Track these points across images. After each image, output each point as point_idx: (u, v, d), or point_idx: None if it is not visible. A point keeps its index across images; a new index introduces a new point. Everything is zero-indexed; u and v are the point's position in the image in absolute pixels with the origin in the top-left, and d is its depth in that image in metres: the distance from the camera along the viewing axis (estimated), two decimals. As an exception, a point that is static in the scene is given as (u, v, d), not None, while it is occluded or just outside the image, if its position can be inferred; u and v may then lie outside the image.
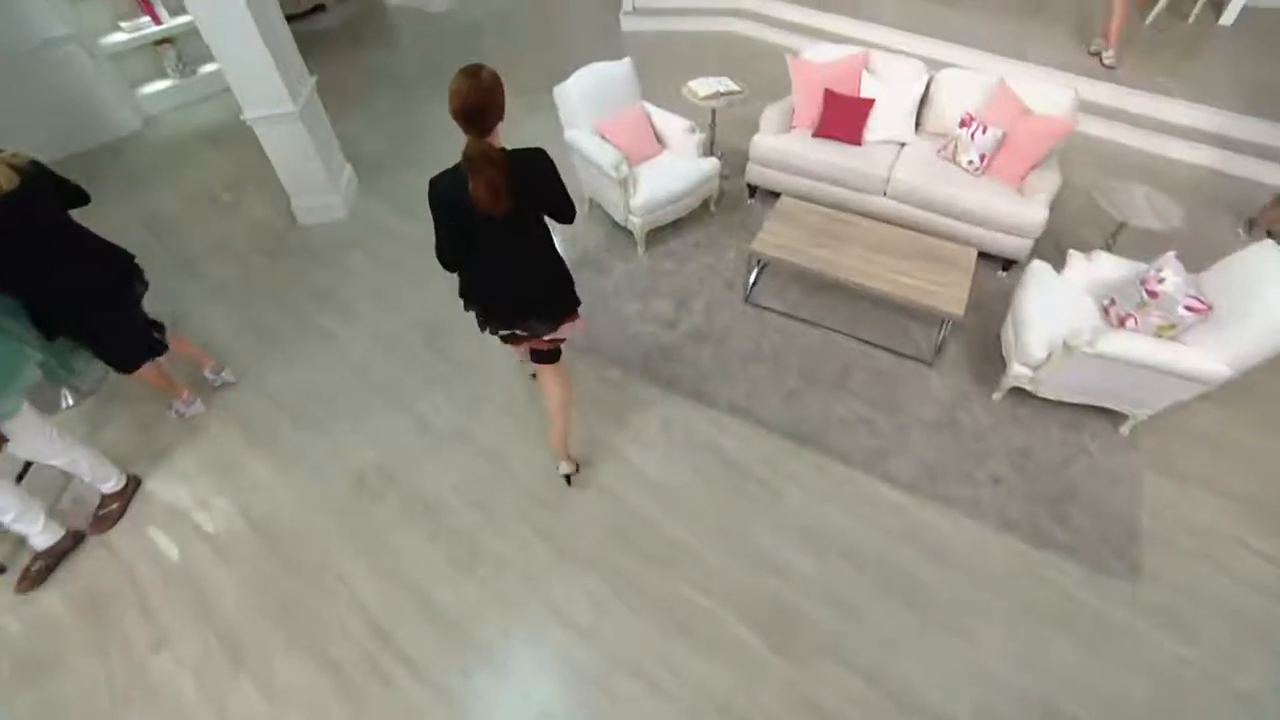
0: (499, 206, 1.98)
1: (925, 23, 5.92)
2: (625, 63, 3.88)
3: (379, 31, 6.99)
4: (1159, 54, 5.49)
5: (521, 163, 2.03)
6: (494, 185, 1.95)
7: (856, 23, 6.07)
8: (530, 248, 2.27)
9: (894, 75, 3.93)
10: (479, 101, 1.89)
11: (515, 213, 2.05)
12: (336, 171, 4.36)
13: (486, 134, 1.95)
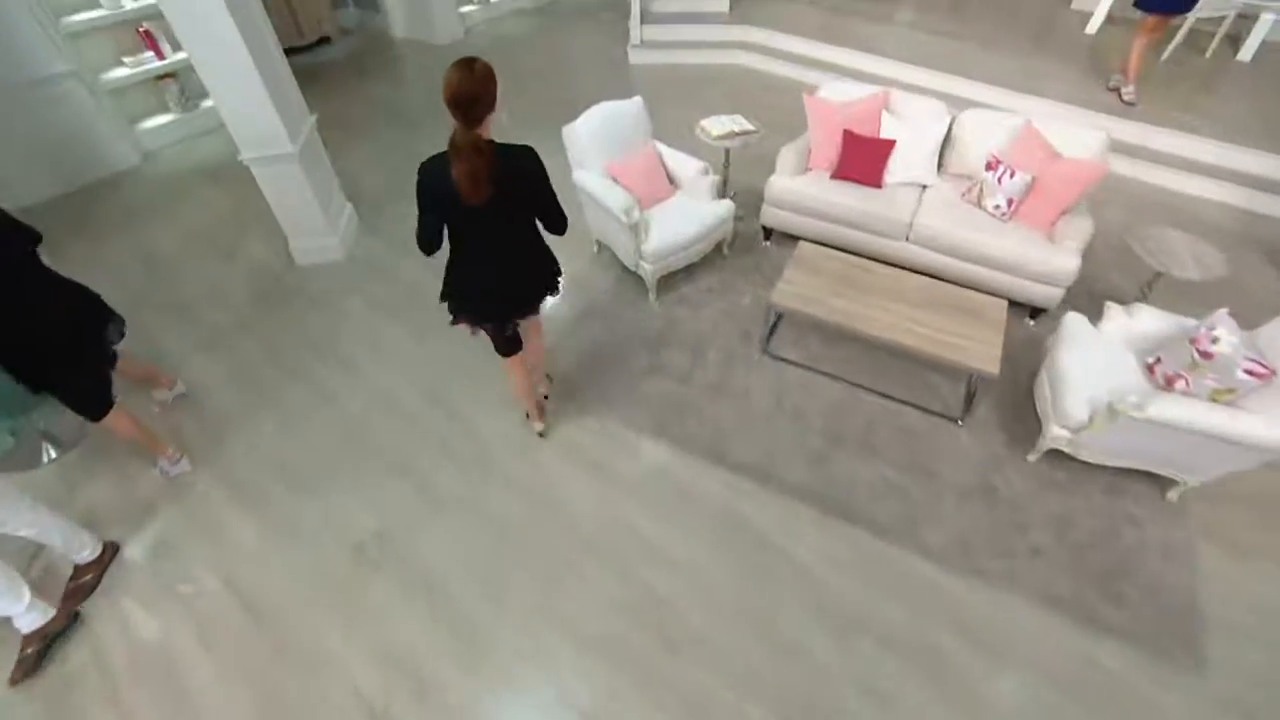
0: (478, 195, 2.02)
1: (935, 57, 5.81)
2: (636, 102, 3.74)
3: (384, 64, 6.91)
4: (1178, 89, 5.36)
5: (509, 157, 2.07)
6: (476, 174, 1.99)
7: (865, 56, 5.96)
8: (516, 241, 2.30)
9: (915, 115, 3.78)
10: (471, 90, 1.93)
11: (498, 205, 2.09)
12: (336, 212, 4.20)
13: (476, 124, 1.98)
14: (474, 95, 1.94)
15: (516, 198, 2.16)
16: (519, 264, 2.38)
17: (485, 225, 2.18)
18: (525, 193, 2.16)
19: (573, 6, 8.12)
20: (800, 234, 3.92)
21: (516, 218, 2.23)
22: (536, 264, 2.45)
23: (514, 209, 2.19)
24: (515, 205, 2.18)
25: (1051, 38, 6.28)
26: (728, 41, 6.48)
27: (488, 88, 1.97)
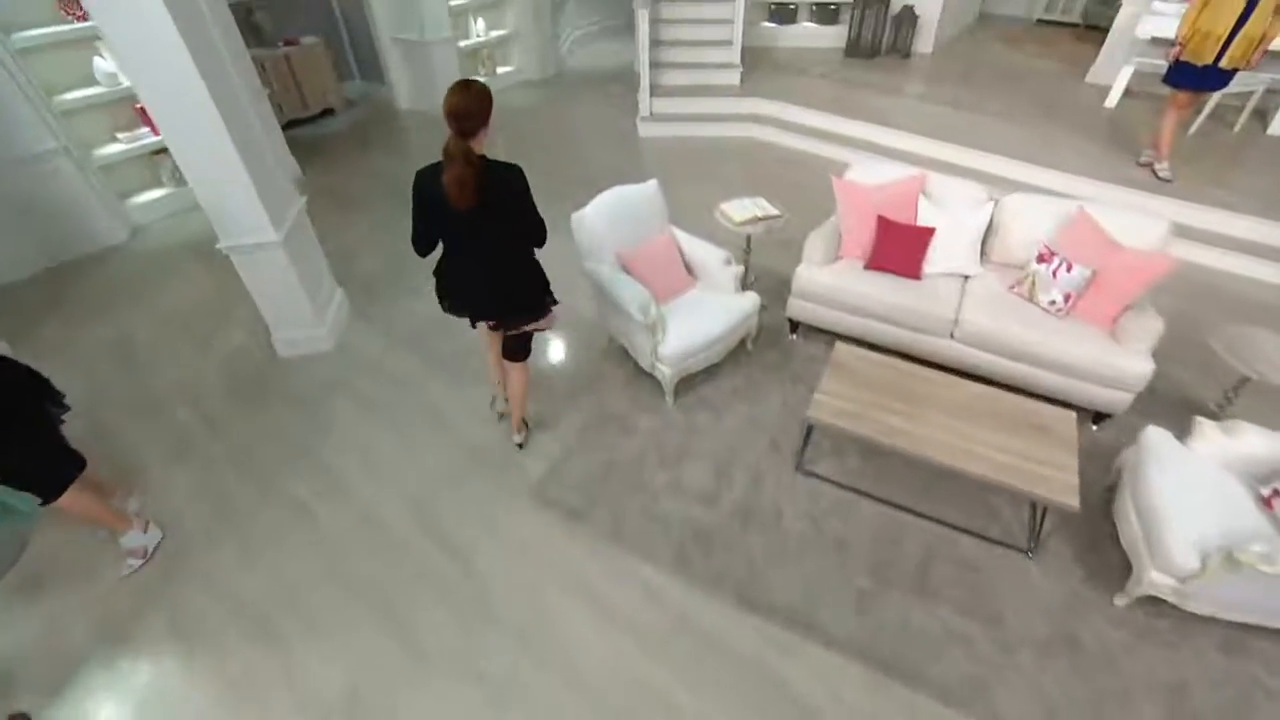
0: (464, 201, 2.20)
1: (952, 130, 5.58)
2: (651, 185, 3.43)
3: (387, 135, 6.73)
4: (1210, 165, 5.08)
5: (495, 172, 2.27)
6: (463, 180, 2.18)
7: (880, 129, 5.74)
8: (500, 249, 2.45)
9: (954, 200, 3.46)
10: (465, 106, 2.14)
11: (483, 213, 2.27)
12: (324, 301, 3.85)
13: (468, 137, 2.18)
14: (468, 110, 2.14)
15: (500, 209, 2.33)
16: (503, 270, 2.51)
17: (471, 231, 2.38)
18: (509, 206, 2.34)
19: (580, 78, 8.03)
20: (831, 329, 3.55)
21: (500, 227, 2.39)
22: (521, 273, 2.58)
23: (498, 219, 2.35)
24: (499, 215, 2.34)
25: (1068, 111, 6.07)
26: (739, 114, 6.29)
27: (481, 105, 2.18)
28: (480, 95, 2.17)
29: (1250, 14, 4.16)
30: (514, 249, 2.50)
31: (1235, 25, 4.22)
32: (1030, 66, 7.22)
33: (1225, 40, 4.28)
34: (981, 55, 7.58)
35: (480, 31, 7.27)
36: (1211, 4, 4.28)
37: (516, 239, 2.47)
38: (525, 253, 2.55)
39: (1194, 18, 4.38)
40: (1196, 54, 4.44)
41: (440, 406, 3.45)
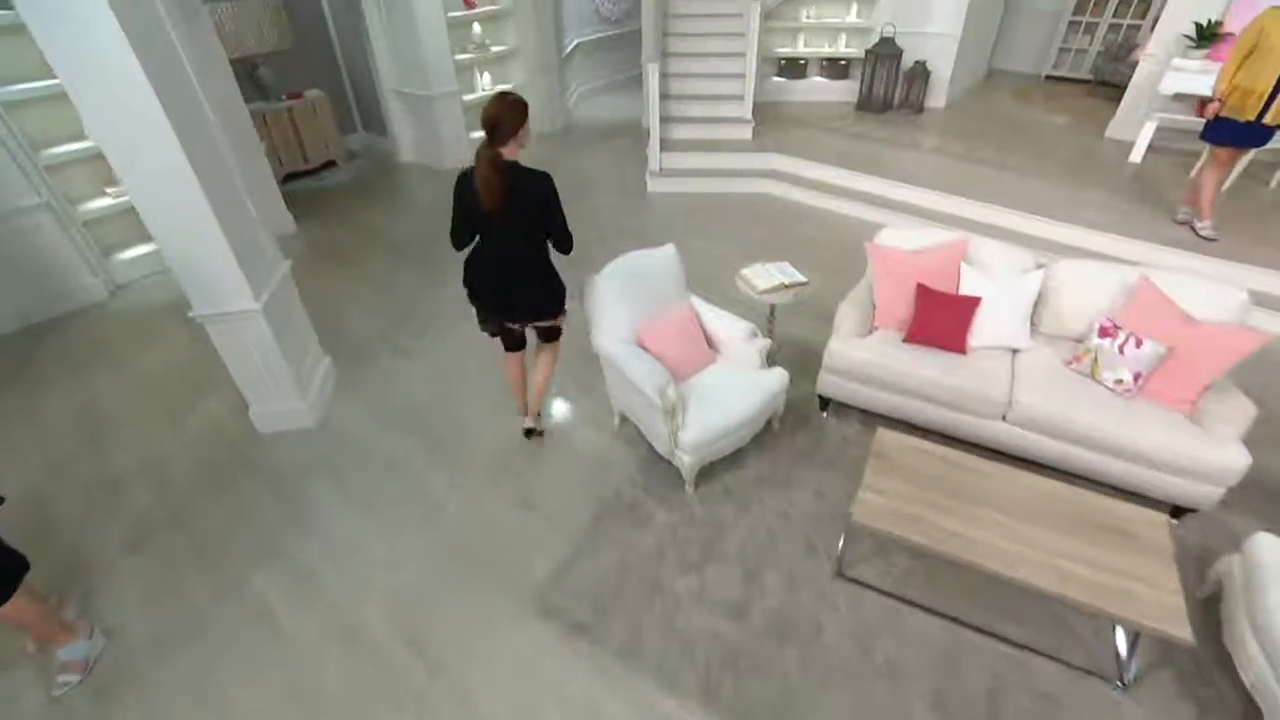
0: (490, 201, 2.38)
1: (973, 185, 5.35)
2: (668, 251, 3.13)
3: (389, 190, 6.52)
4: (1250, 223, 4.80)
5: (523, 177, 2.43)
6: (489, 183, 2.35)
7: (898, 185, 5.51)
8: (521, 249, 2.59)
9: (998, 266, 3.16)
10: (497, 115, 2.33)
11: (507, 214, 2.44)
12: (309, 371, 3.52)
13: (499, 144, 2.36)
14: (499, 119, 2.34)
15: (524, 211, 2.47)
16: (521, 270, 2.64)
17: (496, 229, 2.54)
18: (534, 209, 2.48)
19: (588, 132, 7.90)
20: (867, 407, 3.20)
21: (523, 229, 2.54)
22: (538, 276, 2.69)
23: (521, 220, 2.50)
24: (523, 218, 2.49)
25: (1093, 167, 5.85)
26: (752, 170, 6.09)
27: (512, 116, 2.35)
28: (513, 107, 2.36)
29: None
30: (531, 251, 2.62)
31: (1278, 82, 4.02)
32: (1045, 122, 7.06)
33: (1269, 97, 4.08)
34: (995, 110, 7.45)
35: (486, 85, 7.16)
36: (1251, 61, 4.09)
37: (536, 242, 2.60)
38: (542, 256, 2.66)
39: (1232, 73, 4.18)
40: (1238, 110, 4.22)
41: (432, 494, 3.08)
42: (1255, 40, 4.04)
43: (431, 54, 6.20)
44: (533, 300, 2.76)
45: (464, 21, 6.67)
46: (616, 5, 9.04)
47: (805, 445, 3.24)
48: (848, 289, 3.42)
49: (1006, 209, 5.08)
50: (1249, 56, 4.08)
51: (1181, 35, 5.87)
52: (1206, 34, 5.62)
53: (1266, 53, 3.99)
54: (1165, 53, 6.04)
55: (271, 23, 6.07)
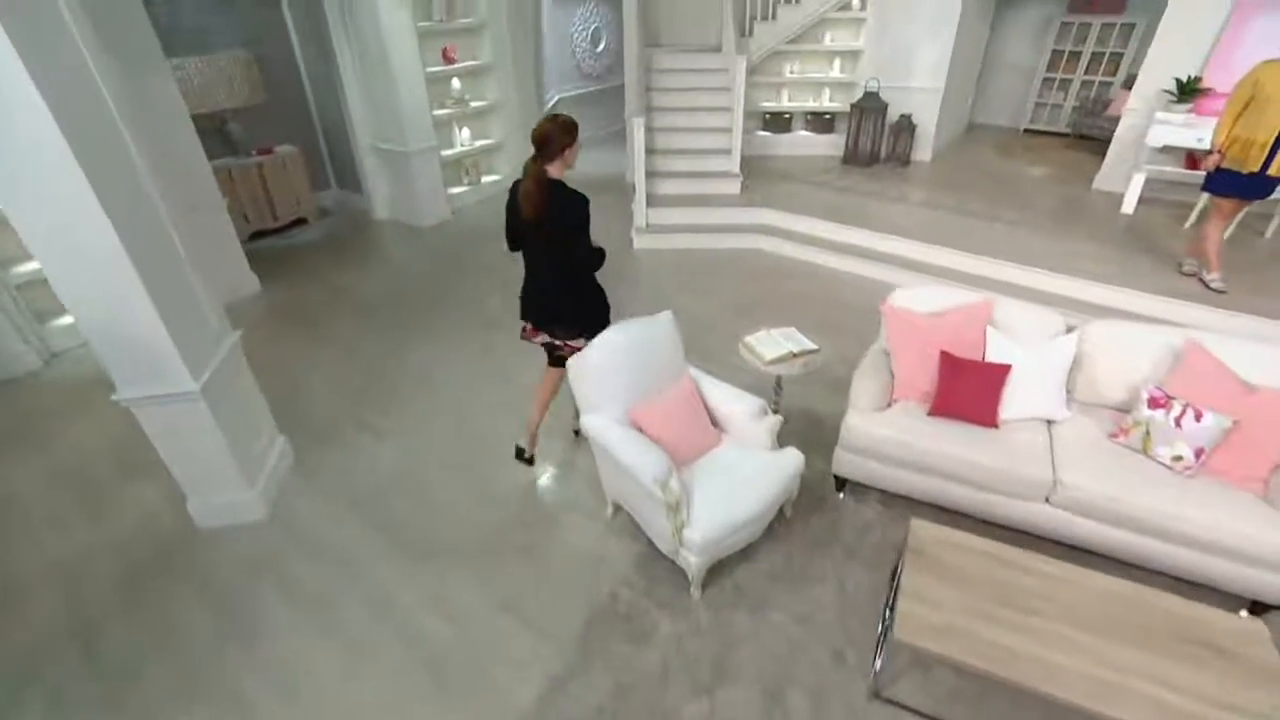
0: (530, 211, 2.57)
1: (972, 239, 5.18)
2: (665, 320, 2.82)
3: (362, 247, 6.21)
4: (1257, 274, 4.66)
5: (559, 195, 2.57)
6: (530, 196, 2.55)
7: (896, 239, 5.32)
8: (558, 261, 2.72)
9: (1025, 329, 2.88)
10: (547, 133, 2.50)
11: (544, 226, 2.61)
12: (259, 456, 3.09)
13: (546, 160, 2.54)
14: (546, 137, 2.48)
15: (559, 227, 2.60)
16: (558, 281, 2.77)
17: (536, 240, 2.70)
18: (565, 226, 2.60)
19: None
20: (890, 488, 2.86)
21: (559, 243, 2.66)
22: (569, 292, 2.80)
23: (556, 235, 2.63)
24: (558, 233, 2.62)
25: (1087, 219, 5.75)
26: (742, 225, 5.89)
27: (559, 137, 2.48)
28: (563, 128, 2.51)
29: None
30: (563, 266, 2.73)
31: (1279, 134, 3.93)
32: (1031, 173, 7.03)
33: (1271, 148, 3.97)
34: (980, 162, 7.43)
35: (465, 140, 6.97)
36: (1249, 113, 4.01)
37: (569, 258, 2.70)
38: (576, 275, 2.77)
39: (1229, 125, 4.11)
40: (1240, 161, 4.12)
41: (394, 598, 2.65)
42: (1251, 92, 3.98)
43: (409, 109, 6.00)
44: (556, 313, 2.87)
45: (443, 76, 6.52)
46: (598, 61, 9.04)
47: (822, 532, 2.87)
48: (852, 350, 3.13)
49: (1006, 262, 4.89)
50: (1246, 109, 4.02)
51: (1162, 90, 5.89)
52: (1188, 89, 5.64)
53: (1264, 104, 3.92)
54: (1147, 107, 6.05)
55: (243, 78, 5.84)
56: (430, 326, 4.66)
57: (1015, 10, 8.63)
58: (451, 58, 6.54)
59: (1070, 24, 8.32)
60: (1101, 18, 8.12)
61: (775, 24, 6.86)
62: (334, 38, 5.84)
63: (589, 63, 8.87)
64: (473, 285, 5.29)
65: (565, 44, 8.49)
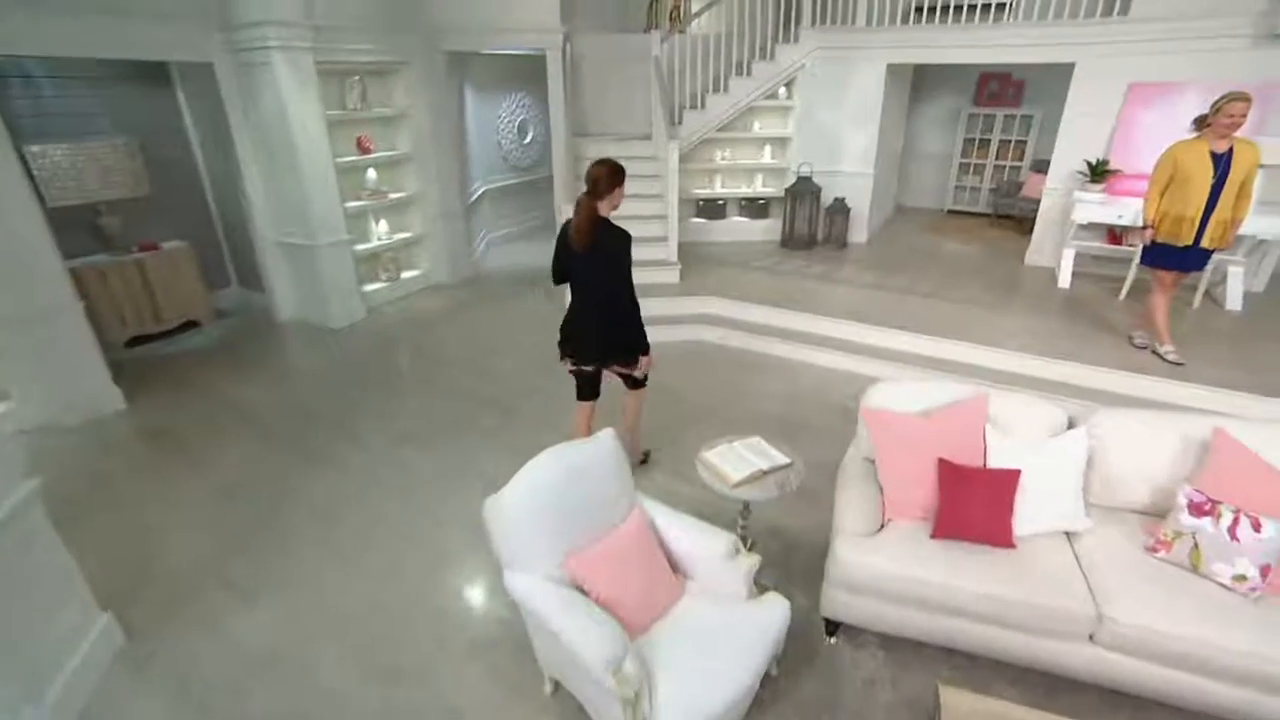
0: (580, 243, 2.83)
1: (923, 319, 4.95)
2: (606, 439, 2.25)
3: (260, 352, 5.45)
4: (1202, 345, 4.56)
5: (608, 230, 2.86)
6: (581, 229, 2.81)
7: (846, 324, 5.01)
8: (605, 293, 2.94)
9: (1023, 425, 2.47)
10: (596, 175, 2.78)
11: (593, 258, 2.86)
12: (54, 650, 2.26)
13: (595, 199, 2.80)
14: (598, 178, 2.78)
15: (605, 260, 2.87)
16: (603, 312, 2.97)
17: (584, 271, 2.94)
18: (613, 259, 2.87)
19: (498, 281, 7.22)
20: (894, 632, 2.31)
21: (604, 275, 2.90)
22: (618, 321, 2.99)
23: (602, 267, 2.88)
24: (604, 265, 2.88)
25: (1028, 295, 5.69)
26: (683, 315, 5.50)
27: (609, 179, 2.80)
28: (611, 172, 2.79)
29: (1218, 199, 3.92)
30: (611, 296, 2.92)
31: (1206, 208, 3.95)
32: (965, 252, 7.09)
33: (1200, 222, 4.00)
34: (915, 242, 7.47)
35: (382, 234, 6.46)
36: (1174, 189, 4.05)
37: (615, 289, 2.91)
38: (622, 303, 2.95)
39: (1156, 202, 4.15)
40: (1174, 235, 4.12)
41: None
42: (1171, 172, 4.04)
43: (318, 200, 5.46)
44: (610, 342, 3.04)
45: (357, 166, 6.06)
46: (526, 153, 8.84)
47: (817, 695, 2.24)
48: (824, 451, 2.69)
49: (962, 342, 4.65)
50: (1169, 186, 4.07)
51: (1076, 171, 6.07)
52: (1098, 171, 5.80)
53: (1185, 182, 3.97)
54: (1065, 186, 6.22)
55: (122, 167, 5.23)
56: (333, 448, 3.92)
57: (927, 103, 9.06)
58: (367, 147, 6.12)
59: (977, 114, 8.77)
60: (1003, 109, 8.58)
61: (704, 112, 6.81)
62: (233, 125, 5.32)
63: (516, 154, 8.66)
64: (387, 394, 4.61)
65: (491, 136, 8.28)
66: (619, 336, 3.03)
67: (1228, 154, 3.84)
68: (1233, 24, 5.22)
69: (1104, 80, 5.79)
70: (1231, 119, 3.73)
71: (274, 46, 4.83)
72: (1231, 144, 3.84)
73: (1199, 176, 3.89)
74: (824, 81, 6.78)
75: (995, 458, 2.37)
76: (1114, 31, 5.64)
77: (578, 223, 2.80)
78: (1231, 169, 3.83)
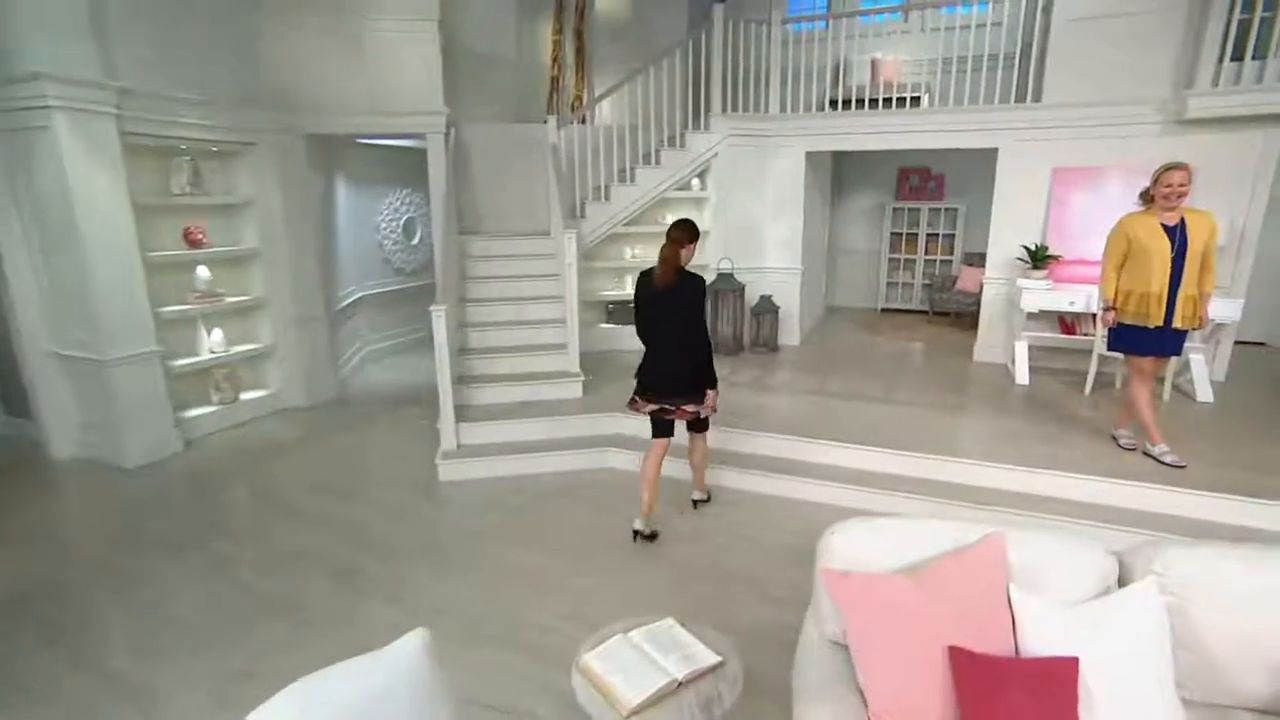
0: (664, 280, 3.33)
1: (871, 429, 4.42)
2: (406, 653, 1.34)
3: (17, 508, 4.20)
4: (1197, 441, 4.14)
5: (685, 274, 3.38)
6: (665, 264, 3.33)
7: (785, 440, 4.36)
8: (678, 334, 3.40)
9: (1054, 578, 1.74)
10: (678, 231, 3.35)
11: (670, 298, 3.36)
12: None
13: (677, 245, 3.32)
14: (679, 233, 3.35)
15: (679, 303, 3.36)
16: (677, 352, 3.42)
17: (662, 311, 3.41)
18: (686, 304, 3.37)
19: (368, 402, 6.26)
20: None
21: (679, 317, 3.39)
22: (689, 363, 3.43)
23: (676, 309, 3.37)
24: (677, 307, 3.37)
25: (981, 393, 5.33)
26: (587, 437, 4.70)
27: (688, 234, 3.36)
28: (690, 228, 3.39)
29: (1181, 273, 3.68)
30: (685, 339, 3.41)
31: (1171, 284, 3.71)
32: (909, 350, 6.83)
33: (1168, 300, 3.74)
34: (853, 343, 7.18)
35: (216, 346, 5.48)
36: (1131, 264, 3.83)
37: (688, 332, 3.41)
38: (695, 347, 3.43)
39: (1114, 279, 3.92)
40: (1141, 316, 3.82)
41: None
42: (1124, 246, 3.83)
43: (116, 303, 4.48)
44: (680, 383, 3.46)
45: (181, 262, 5.18)
46: (413, 255, 8.21)
47: None
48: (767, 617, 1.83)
49: (928, 455, 4.05)
50: (1125, 264, 3.86)
51: (1016, 259, 5.94)
52: (1039, 257, 5.67)
53: (1140, 255, 3.76)
54: (1006, 274, 6.10)
55: None
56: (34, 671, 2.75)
57: (850, 199, 9.21)
58: (198, 239, 5.28)
59: (901, 209, 8.90)
60: (927, 203, 8.75)
61: (609, 204, 6.43)
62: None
63: (401, 256, 8.00)
64: (163, 567, 3.44)
65: (371, 235, 7.63)
66: (686, 378, 3.46)
67: (1180, 225, 3.68)
68: (1139, 111, 5.37)
69: (1028, 164, 5.83)
70: (1170, 188, 3.61)
71: (55, 107, 4.04)
72: (1182, 215, 3.68)
73: (1156, 249, 3.69)
74: (741, 170, 6.59)
75: (1032, 638, 1.61)
76: (1030, 117, 5.72)
77: (661, 260, 3.33)
78: (1189, 241, 3.65)
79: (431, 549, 3.60)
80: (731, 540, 3.63)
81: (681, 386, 3.45)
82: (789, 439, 4.37)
